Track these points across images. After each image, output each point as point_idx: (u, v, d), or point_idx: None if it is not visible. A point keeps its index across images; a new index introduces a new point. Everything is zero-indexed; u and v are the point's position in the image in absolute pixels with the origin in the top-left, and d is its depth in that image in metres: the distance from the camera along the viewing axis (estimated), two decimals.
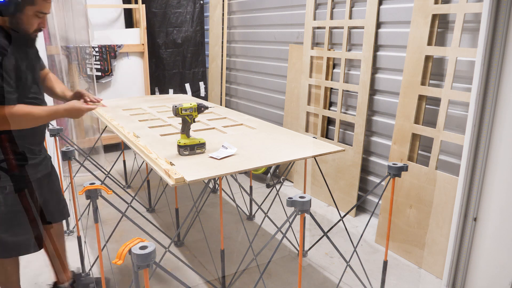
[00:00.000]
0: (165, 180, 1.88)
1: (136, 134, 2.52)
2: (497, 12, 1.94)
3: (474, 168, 2.13)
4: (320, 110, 3.66)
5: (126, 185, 4.04)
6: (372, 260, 2.76)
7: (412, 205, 2.71)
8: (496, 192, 2.06)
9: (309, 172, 3.75)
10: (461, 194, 2.18)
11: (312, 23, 3.68)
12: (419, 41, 2.64)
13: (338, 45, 3.55)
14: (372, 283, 2.47)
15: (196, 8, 5.33)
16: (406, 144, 2.76)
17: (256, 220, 3.36)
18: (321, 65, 3.64)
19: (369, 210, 3.46)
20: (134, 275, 1.32)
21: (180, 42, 5.31)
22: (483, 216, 2.14)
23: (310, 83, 3.75)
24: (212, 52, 5.38)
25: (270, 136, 2.50)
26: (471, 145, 2.11)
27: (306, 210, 1.59)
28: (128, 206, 2.69)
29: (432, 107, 2.75)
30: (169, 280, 2.50)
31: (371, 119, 3.30)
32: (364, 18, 3.18)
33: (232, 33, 5.10)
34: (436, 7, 2.54)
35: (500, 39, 1.95)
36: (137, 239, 1.31)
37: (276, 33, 4.33)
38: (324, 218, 3.38)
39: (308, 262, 2.74)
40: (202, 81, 5.62)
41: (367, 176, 3.42)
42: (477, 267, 2.20)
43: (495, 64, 1.98)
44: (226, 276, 2.51)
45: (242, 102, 5.12)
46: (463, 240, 2.23)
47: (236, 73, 5.15)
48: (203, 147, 2.14)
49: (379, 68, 3.18)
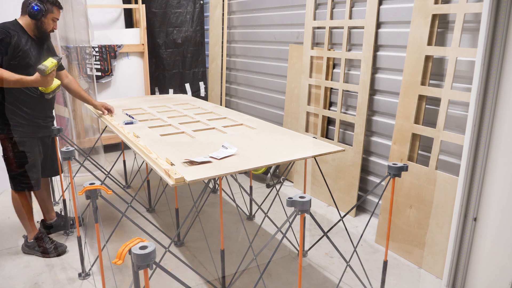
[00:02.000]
0: (165, 180, 1.88)
1: (136, 134, 2.52)
2: (497, 12, 1.94)
3: (474, 168, 2.13)
4: (320, 110, 3.66)
5: (126, 185, 4.04)
6: (372, 260, 2.76)
7: (412, 205, 2.71)
8: (496, 192, 2.06)
9: (309, 172, 3.75)
10: (461, 194, 2.18)
11: (312, 23, 3.68)
12: (419, 41, 2.64)
13: (338, 45, 3.55)
14: (372, 283, 2.47)
15: (196, 8, 5.33)
16: (406, 144, 2.76)
17: (256, 220, 3.36)
18: (321, 65, 3.64)
19: (369, 210, 3.46)
20: (134, 275, 1.32)
21: (180, 42, 5.31)
22: (483, 216, 2.14)
23: (310, 83, 3.75)
24: (212, 52, 5.38)
25: (270, 136, 2.50)
26: (471, 145, 2.11)
27: (306, 210, 1.59)
28: (128, 206, 2.69)
29: (432, 107, 2.75)
30: (169, 280, 2.50)
31: (371, 119, 3.30)
32: (364, 18, 3.18)
33: (232, 33, 5.10)
34: (436, 7, 2.54)
35: (500, 39, 1.95)
36: (137, 239, 1.31)
37: (276, 33, 4.33)
38: (324, 218, 3.38)
39: (308, 262, 2.74)
40: (202, 81, 5.62)
41: (367, 176, 3.42)
42: (477, 267, 2.20)
43: (495, 64, 1.98)
44: (226, 276, 2.51)
45: (242, 102, 5.12)
46: (463, 240, 2.23)
47: (236, 73, 5.15)
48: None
49: (379, 68, 3.18)
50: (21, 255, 2.81)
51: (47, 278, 2.55)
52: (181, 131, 2.63)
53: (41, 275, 2.58)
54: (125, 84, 4.89)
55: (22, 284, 2.50)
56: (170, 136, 2.54)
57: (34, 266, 2.68)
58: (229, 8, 5.06)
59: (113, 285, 2.46)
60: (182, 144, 2.35)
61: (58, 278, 2.55)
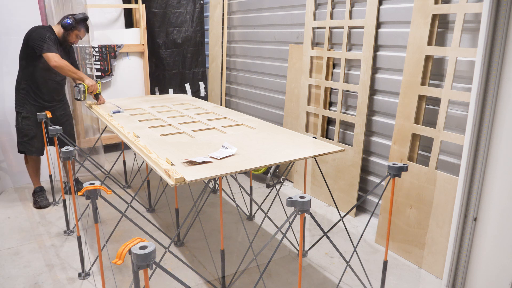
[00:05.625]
0: (165, 180, 1.88)
1: (136, 134, 2.52)
2: (497, 12, 1.94)
3: (474, 168, 2.13)
4: (320, 110, 3.66)
5: (126, 185, 4.04)
6: (372, 260, 2.76)
7: (412, 205, 2.71)
8: (496, 192, 2.06)
9: (309, 172, 3.75)
10: (461, 194, 2.18)
11: (312, 23, 3.68)
12: (419, 41, 2.64)
13: (338, 45, 3.55)
14: (372, 283, 2.47)
15: (196, 8, 5.33)
16: (406, 144, 2.76)
17: (256, 220, 3.36)
18: (321, 65, 3.64)
19: (369, 210, 3.46)
20: (134, 275, 1.32)
21: (180, 42, 5.31)
22: (483, 216, 2.14)
23: (310, 83, 3.75)
24: (212, 52, 5.38)
25: (270, 136, 2.50)
26: (471, 145, 2.11)
27: (306, 210, 1.59)
28: (128, 206, 2.69)
29: (432, 107, 2.75)
30: (169, 280, 2.50)
31: (371, 119, 3.30)
32: (364, 18, 3.18)
33: (232, 33, 5.10)
34: (436, 7, 2.54)
35: (500, 39, 1.95)
36: (137, 239, 1.31)
37: (276, 33, 4.33)
38: (324, 218, 3.38)
39: (308, 262, 2.74)
40: (202, 81, 5.62)
41: (367, 176, 3.42)
42: (477, 267, 2.20)
43: (495, 64, 1.98)
44: (226, 276, 2.51)
45: (242, 102, 5.12)
46: (463, 240, 2.23)
47: (236, 73, 5.15)
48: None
49: (379, 68, 3.18)
50: (21, 255, 2.82)
51: (47, 278, 2.55)
52: (181, 131, 2.63)
53: (41, 275, 2.58)
54: (125, 84, 4.89)
55: (22, 284, 2.50)
56: (170, 136, 2.53)
57: (34, 266, 2.68)
58: (229, 8, 5.06)
59: (113, 285, 2.46)
60: (182, 144, 2.35)
61: (58, 278, 2.55)
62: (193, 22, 5.35)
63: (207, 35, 5.58)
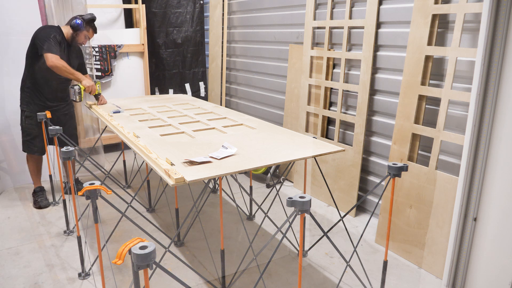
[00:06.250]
0: (165, 180, 1.88)
1: (136, 134, 2.52)
2: (497, 12, 1.94)
3: (474, 168, 2.13)
4: (320, 110, 3.66)
5: (126, 185, 4.04)
6: (372, 260, 2.76)
7: (412, 205, 2.71)
8: (496, 192, 2.06)
9: (309, 172, 3.75)
10: (461, 194, 2.18)
11: (312, 23, 3.68)
12: (419, 41, 2.64)
13: (338, 45, 3.55)
14: (372, 283, 2.47)
15: (196, 8, 5.33)
16: (406, 144, 2.76)
17: (256, 220, 3.36)
18: (321, 65, 3.64)
19: (369, 210, 3.46)
20: (134, 275, 1.32)
21: (180, 42, 5.30)
22: (483, 216, 2.14)
23: (310, 83, 3.75)
24: (212, 52, 5.38)
25: (270, 136, 2.50)
26: (471, 145, 2.11)
27: (306, 210, 1.59)
28: (128, 206, 2.69)
29: (432, 107, 2.75)
30: (169, 280, 2.50)
31: (371, 119, 3.30)
32: (364, 18, 3.18)
33: (232, 33, 5.10)
34: (436, 7, 2.54)
35: (500, 39, 1.95)
36: (137, 239, 1.31)
37: (276, 33, 4.33)
38: (324, 218, 3.38)
39: (308, 262, 2.74)
40: (202, 81, 5.62)
41: (367, 176, 3.42)
42: (477, 267, 2.20)
43: (495, 64, 1.98)
44: (226, 276, 2.51)
45: (242, 102, 5.12)
46: (463, 240, 2.23)
47: (236, 73, 5.15)
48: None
49: (379, 68, 3.18)
50: (21, 255, 2.82)
51: (47, 278, 2.55)
52: (181, 131, 2.63)
53: (41, 275, 2.58)
54: (125, 84, 4.89)
55: (22, 284, 2.50)
56: (170, 136, 2.54)
57: (34, 266, 2.68)
58: (229, 8, 5.06)
59: (113, 285, 2.46)
60: (182, 144, 2.35)
61: (58, 278, 2.55)
62: (193, 22, 5.35)
63: (207, 35, 5.58)
